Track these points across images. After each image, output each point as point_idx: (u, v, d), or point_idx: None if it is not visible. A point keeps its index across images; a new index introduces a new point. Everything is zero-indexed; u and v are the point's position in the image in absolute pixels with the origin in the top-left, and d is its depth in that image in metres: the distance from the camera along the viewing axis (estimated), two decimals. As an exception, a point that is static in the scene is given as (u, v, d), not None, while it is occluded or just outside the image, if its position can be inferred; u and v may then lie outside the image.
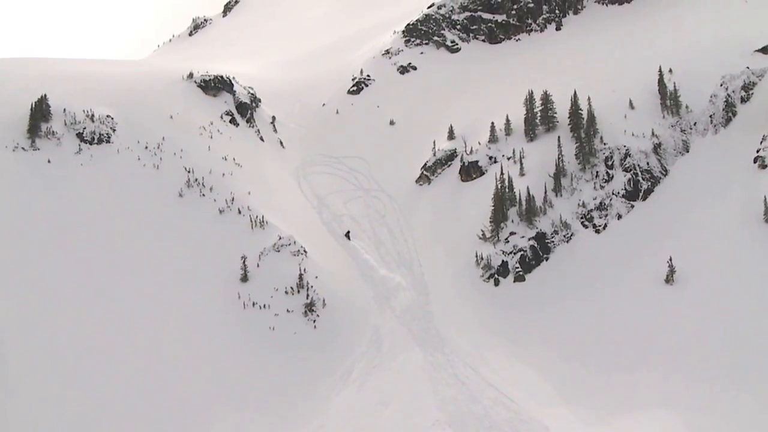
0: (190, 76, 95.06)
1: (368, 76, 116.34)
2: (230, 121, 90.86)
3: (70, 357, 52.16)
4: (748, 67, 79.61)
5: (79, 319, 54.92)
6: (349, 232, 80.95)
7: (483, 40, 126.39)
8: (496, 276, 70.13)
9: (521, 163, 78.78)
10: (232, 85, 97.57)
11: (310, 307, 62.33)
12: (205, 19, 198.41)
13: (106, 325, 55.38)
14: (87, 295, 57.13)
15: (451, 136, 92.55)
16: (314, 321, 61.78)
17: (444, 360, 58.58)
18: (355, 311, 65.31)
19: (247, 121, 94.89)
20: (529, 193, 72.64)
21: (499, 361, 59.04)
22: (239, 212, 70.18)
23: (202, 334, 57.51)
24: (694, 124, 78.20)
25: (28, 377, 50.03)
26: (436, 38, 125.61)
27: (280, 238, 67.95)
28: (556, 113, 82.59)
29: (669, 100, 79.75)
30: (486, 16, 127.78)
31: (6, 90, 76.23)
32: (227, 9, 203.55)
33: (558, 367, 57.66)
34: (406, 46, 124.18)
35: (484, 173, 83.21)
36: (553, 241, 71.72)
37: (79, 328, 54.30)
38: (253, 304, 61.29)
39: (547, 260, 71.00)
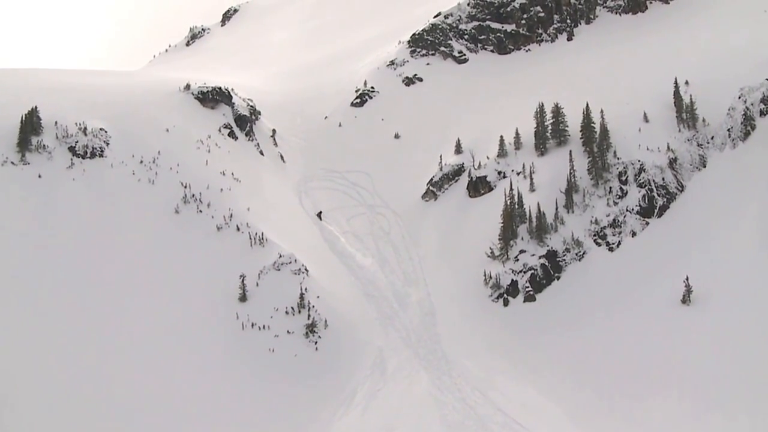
0: (187, 87, 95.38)
1: (372, 87, 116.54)
2: (229, 135, 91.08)
3: (59, 378, 52.03)
4: (767, 79, 79.47)
5: (69, 340, 54.87)
6: (321, 212, 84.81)
7: (492, 51, 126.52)
8: (505, 296, 70.09)
9: (531, 179, 78.87)
10: (231, 97, 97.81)
11: (311, 328, 62.28)
12: (202, 29, 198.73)
13: (98, 346, 55.34)
14: (78, 315, 57.15)
15: (458, 150, 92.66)
16: (316, 342, 61.72)
17: (451, 383, 58.53)
18: (358, 332, 65.24)
19: (247, 135, 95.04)
20: (539, 209, 72.69)
21: (509, 384, 58.92)
22: (238, 229, 70.25)
23: (199, 355, 57.45)
24: (712, 137, 78.12)
25: (18, 395, 50.03)
26: (442, 49, 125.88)
27: (280, 256, 67.97)
28: (567, 126, 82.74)
29: (685, 113, 79.70)
30: (495, 25, 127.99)
31: (-5, 102, 76.44)
32: (226, 18, 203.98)
33: (569, 391, 57.44)
34: (412, 56, 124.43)
35: (492, 189, 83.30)
36: (564, 260, 71.68)
37: (69, 350, 54.23)
38: (252, 324, 61.26)
39: (558, 279, 70.95)
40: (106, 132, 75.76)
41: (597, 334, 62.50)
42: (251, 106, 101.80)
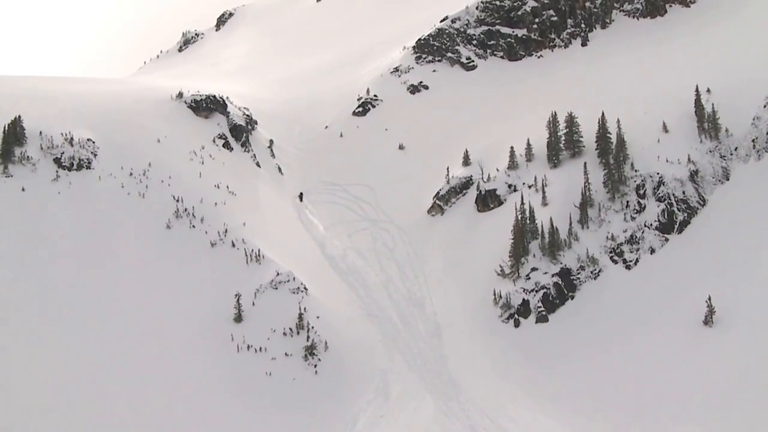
0: (180, 95, 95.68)
1: (375, 95, 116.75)
2: (223, 145, 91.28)
3: (45, 403, 51.89)
4: (793, 87, 79.58)
5: (51, 363, 54.74)
6: (301, 194, 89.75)
7: (501, 57, 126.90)
8: (516, 316, 69.98)
9: (544, 192, 78.85)
10: (226, 105, 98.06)
11: (310, 351, 62.21)
12: (196, 34, 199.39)
13: (82, 369, 55.14)
14: (61, 336, 57.01)
15: (466, 161, 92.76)
16: (315, 366, 61.61)
17: (459, 409, 58.34)
18: (360, 355, 65.08)
19: (242, 145, 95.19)
20: (552, 224, 72.63)
21: (520, 411, 58.66)
22: (233, 245, 70.28)
23: (191, 379, 57.27)
24: (735, 149, 78.08)
25: (6, 417, 50.01)
26: (449, 54, 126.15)
27: (278, 274, 67.98)
28: (582, 137, 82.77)
29: (707, 123, 79.66)
30: (505, 30, 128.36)
31: (-24, 112, 76.45)
32: (221, 23, 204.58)
33: (585, 419, 57.13)
34: (417, 63, 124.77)
35: (502, 203, 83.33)
36: (579, 278, 71.58)
37: (53, 374, 54.09)
38: (248, 347, 61.18)
39: (572, 299, 70.83)
40: (93, 143, 75.87)
41: (614, 358, 62.33)
42: (247, 115, 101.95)
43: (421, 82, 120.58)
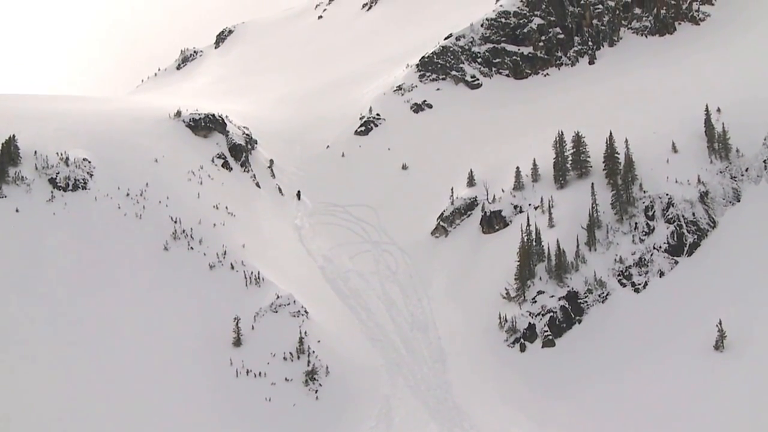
0: (178, 114, 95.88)
1: (378, 114, 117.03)
2: (223, 165, 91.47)
3: (37, 430, 51.91)
4: (806, 107, 79.67)
5: (46, 390, 54.66)
6: (299, 192, 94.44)
7: (507, 75, 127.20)
8: (522, 340, 69.89)
9: (550, 213, 78.93)
10: (225, 124, 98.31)
11: (311, 376, 62.16)
12: (194, 51, 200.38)
13: (77, 395, 55.02)
14: (56, 363, 56.89)
15: (471, 182, 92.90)
16: (316, 391, 61.53)
17: (464, 437, 58.34)
18: (362, 380, 64.93)
19: (242, 165, 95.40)
20: (559, 246, 72.66)
21: (527, 438, 58.63)
22: (232, 267, 70.34)
23: (189, 405, 57.12)
24: (746, 170, 78.05)
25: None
26: (454, 73, 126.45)
27: (278, 297, 68.00)
28: (589, 157, 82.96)
29: (717, 143, 79.66)
30: (510, 48, 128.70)
31: (-31, 131, 76.59)
32: (220, 40, 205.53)
33: (593, 447, 57.19)
34: (421, 81, 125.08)
35: (508, 224, 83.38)
36: (586, 302, 71.49)
37: (46, 400, 54.01)
38: (247, 371, 61.11)
39: (579, 323, 70.71)
40: (89, 162, 75.95)
41: (622, 383, 62.13)
42: (247, 134, 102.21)
43: (424, 100, 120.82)
